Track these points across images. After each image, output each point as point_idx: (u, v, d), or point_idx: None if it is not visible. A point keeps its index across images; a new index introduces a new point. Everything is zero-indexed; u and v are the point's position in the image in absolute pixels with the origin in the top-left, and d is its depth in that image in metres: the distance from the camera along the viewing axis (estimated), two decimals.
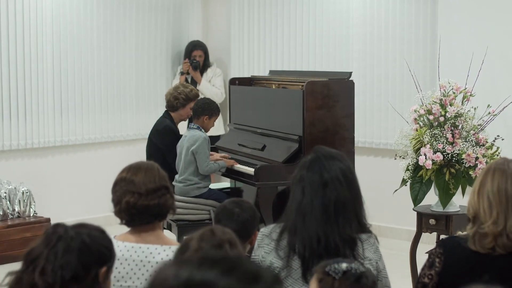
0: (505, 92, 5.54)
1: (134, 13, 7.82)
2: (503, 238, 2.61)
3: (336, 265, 2.38)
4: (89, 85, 7.53)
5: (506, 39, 6.15)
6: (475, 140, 4.80)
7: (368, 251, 2.87)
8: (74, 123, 7.43)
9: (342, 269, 2.37)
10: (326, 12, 7.36)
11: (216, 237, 2.31)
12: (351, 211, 2.88)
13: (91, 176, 7.49)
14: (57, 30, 7.21)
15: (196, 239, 2.34)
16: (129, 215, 3.01)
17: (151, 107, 7.92)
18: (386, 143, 6.95)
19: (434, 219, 4.90)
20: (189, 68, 7.86)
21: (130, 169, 3.04)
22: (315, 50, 7.45)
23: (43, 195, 7.01)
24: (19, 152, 7.07)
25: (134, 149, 7.71)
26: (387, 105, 6.83)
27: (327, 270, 2.38)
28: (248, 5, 7.98)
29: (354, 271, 2.38)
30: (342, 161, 2.93)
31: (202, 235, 2.35)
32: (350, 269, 2.38)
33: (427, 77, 6.61)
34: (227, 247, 2.28)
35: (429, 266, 2.76)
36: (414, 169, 4.86)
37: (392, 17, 6.91)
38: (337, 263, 2.39)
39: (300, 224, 2.85)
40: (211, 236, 2.30)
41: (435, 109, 4.84)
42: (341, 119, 5.60)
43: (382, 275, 2.92)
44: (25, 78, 6.97)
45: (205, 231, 2.37)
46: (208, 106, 5.81)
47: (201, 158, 5.64)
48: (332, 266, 2.38)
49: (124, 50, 7.76)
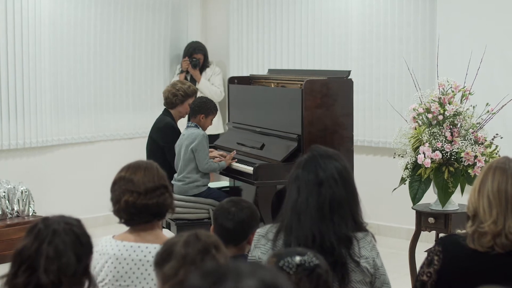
0: (504, 90, 5.54)
1: (132, 12, 7.82)
2: (502, 238, 2.61)
3: (290, 260, 2.39)
4: (87, 85, 7.53)
5: (504, 38, 6.15)
6: (474, 138, 4.80)
7: (364, 249, 2.87)
8: (72, 122, 7.43)
9: (296, 263, 2.39)
10: (325, 11, 7.36)
11: (201, 241, 2.27)
12: (347, 210, 2.88)
13: (89, 175, 7.49)
14: (55, 30, 7.21)
15: (181, 244, 2.28)
16: (128, 214, 3.01)
17: (149, 106, 7.93)
18: (385, 142, 6.95)
19: (433, 218, 4.90)
20: (189, 66, 7.87)
21: (129, 168, 3.05)
22: (314, 49, 7.45)
23: (42, 194, 7.01)
24: (18, 152, 7.07)
25: (132, 148, 7.71)
26: (386, 103, 6.83)
27: (281, 266, 2.39)
28: (247, 4, 7.98)
29: (308, 264, 2.39)
30: (338, 160, 2.93)
31: (186, 241, 2.29)
32: (304, 262, 2.39)
33: (426, 75, 6.61)
34: (213, 251, 2.26)
35: (428, 264, 2.76)
36: (413, 168, 4.86)
37: (390, 16, 6.91)
38: (290, 257, 2.40)
39: (295, 223, 2.85)
40: (196, 241, 2.27)
41: (434, 107, 4.84)
42: (340, 118, 5.60)
43: (380, 273, 2.91)
44: (23, 77, 6.96)
45: (189, 236, 2.31)
46: (204, 105, 5.80)
47: (200, 155, 5.64)
48: (286, 261, 2.39)
49: (122, 49, 7.76)
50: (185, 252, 2.24)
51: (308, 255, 2.43)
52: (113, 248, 3.02)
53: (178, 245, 2.28)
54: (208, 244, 2.26)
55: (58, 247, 2.32)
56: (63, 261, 2.31)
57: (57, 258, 2.31)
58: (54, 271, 2.29)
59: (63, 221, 2.40)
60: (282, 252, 2.47)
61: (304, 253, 2.44)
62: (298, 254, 2.42)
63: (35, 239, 2.35)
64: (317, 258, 2.43)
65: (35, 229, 2.37)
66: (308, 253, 2.44)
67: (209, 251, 2.24)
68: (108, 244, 3.05)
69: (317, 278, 2.39)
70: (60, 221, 2.38)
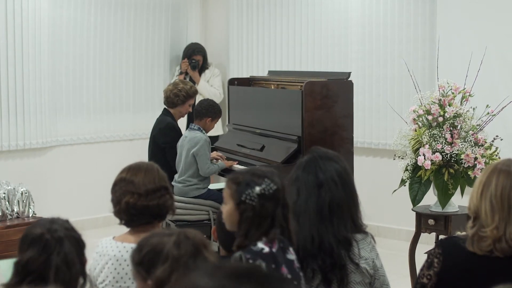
0: (504, 92, 5.54)
1: (132, 13, 7.82)
2: (502, 243, 2.60)
3: (251, 192, 2.67)
4: (87, 86, 7.53)
5: (505, 39, 6.15)
6: (474, 140, 4.80)
7: (364, 250, 2.87)
8: (72, 123, 7.43)
9: (257, 193, 2.67)
10: (325, 12, 7.36)
11: (190, 240, 2.25)
12: (346, 212, 2.88)
13: (90, 176, 7.49)
14: (54, 31, 7.22)
15: (172, 246, 2.24)
16: (129, 216, 3.01)
17: (149, 108, 7.93)
18: (385, 144, 6.95)
19: (433, 219, 4.90)
20: (188, 68, 7.88)
21: (130, 170, 3.05)
22: (314, 50, 7.45)
23: (42, 195, 7.01)
24: (18, 153, 7.07)
25: (133, 149, 7.71)
26: (386, 105, 6.83)
27: (243, 199, 2.67)
28: (246, 6, 7.98)
29: (268, 191, 2.68)
30: (338, 162, 2.94)
31: (177, 241, 2.25)
32: (264, 191, 2.67)
33: (426, 77, 6.61)
34: (204, 251, 2.25)
35: (428, 267, 2.75)
36: (413, 170, 4.86)
37: (390, 17, 6.91)
38: (251, 189, 2.67)
39: (294, 224, 2.86)
40: (186, 241, 2.24)
41: (434, 109, 4.84)
42: (340, 120, 5.61)
43: (380, 274, 2.92)
44: (23, 78, 6.96)
45: (179, 236, 2.27)
46: (212, 109, 5.80)
47: (202, 160, 5.64)
48: (247, 194, 2.67)
49: (121, 50, 7.77)
50: (177, 254, 2.21)
51: (265, 182, 2.68)
52: (113, 250, 3.02)
53: (168, 246, 2.24)
54: (198, 244, 2.24)
55: (67, 257, 2.36)
56: (73, 271, 2.36)
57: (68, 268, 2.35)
58: (65, 280, 2.31)
59: (63, 227, 2.42)
60: (240, 181, 2.70)
61: (262, 180, 2.69)
62: (256, 183, 2.67)
63: (42, 251, 2.36)
64: (272, 180, 2.70)
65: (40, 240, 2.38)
66: (265, 180, 2.69)
67: (201, 251, 2.23)
68: (109, 246, 3.05)
69: (277, 199, 2.69)
70: (60, 228, 2.40)
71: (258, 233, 2.68)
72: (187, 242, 2.24)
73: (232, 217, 2.73)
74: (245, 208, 2.69)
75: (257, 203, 2.68)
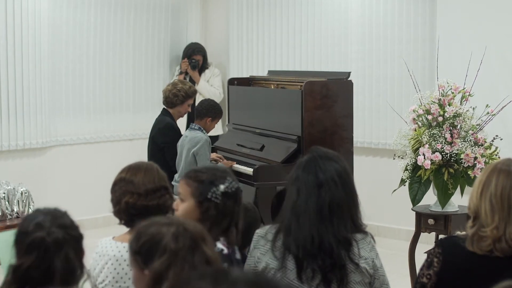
0: (504, 91, 5.54)
1: (132, 13, 7.82)
2: (502, 243, 2.60)
3: (215, 190, 2.74)
4: (87, 86, 7.54)
5: (504, 39, 6.15)
6: (473, 140, 4.80)
7: (363, 250, 2.87)
8: (72, 123, 7.43)
9: (221, 191, 2.74)
10: (325, 12, 7.36)
11: (188, 233, 2.21)
12: (346, 212, 2.88)
13: (89, 176, 7.49)
14: (54, 31, 7.22)
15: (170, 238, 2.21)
16: (128, 216, 3.01)
17: (149, 108, 7.92)
18: (385, 143, 6.95)
19: (433, 219, 4.90)
20: (188, 68, 7.88)
21: (130, 170, 3.05)
22: (314, 50, 7.45)
23: (42, 195, 7.00)
24: (18, 153, 7.07)
25: (132, 149, 7.71)
26: (385, 105, 6.83)
27: (209, 198, 2.73)
28: (246, 6, 7.98)
29: (231, 190, 2.76)
30: (338, 162, 2.93)
31: (176, 234, 2.22)
32: (228, 189, 2.75)
33: (425, 77, 6.61)
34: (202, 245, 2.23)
35: (428, 266, 2.75)
36: (413, 169, 4.86)
37: (390, 17, 6.91)
38: (215, 187, 2.74)
39: (294, 224, 2.85)
40: (185, 233, 2.21)
41: (433, 109, 4.84)
42: (340, 119, 5.61)
43: (380, 273, 2.91)
44: (23, 78, 6.96)
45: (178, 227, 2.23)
46: (213, 108, 5.81)
47: (201, 159, 5.64)
48: (213, 192, 2.73)
49: (121, 50, 7.77)
50: (175, 247, 2.19)
51: (228, 180, 2.77)
52: (113, 250, 3.02)
53: (167, 238, 2.21)
54: (196, 237, 2.22)
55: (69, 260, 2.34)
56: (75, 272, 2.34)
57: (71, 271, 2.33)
58: (68, 281, 2.31)
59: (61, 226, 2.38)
60: (203, 179, 2.77)
61: (224, 178, 2.77)
62: (220, 182, 2.75)
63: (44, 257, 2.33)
64: (233, 179, 2.80)
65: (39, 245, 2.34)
66: (227, 178, 2.78)
67: (199, 245, 2.21)
68: (108, 246, 3.04)
69: (239, 198, 2.81)
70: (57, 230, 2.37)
71: (218, 231, 2.74)
72: (185, 234, 2.21)
73: (191, 214, 2.77)
74: (208, 206, 2.76)
75: (221, 201, 2.75)
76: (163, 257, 2.19)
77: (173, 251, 2.19)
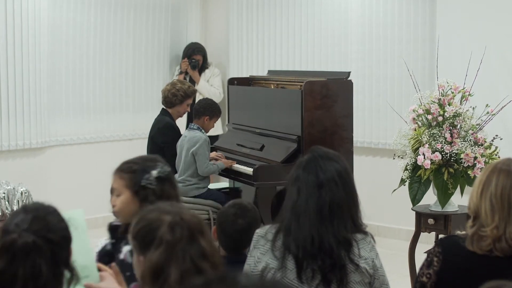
0: (504, 91, 5.54)
1: (132, 13, 7.82)
2: (502, 242, 2.60)
3: (149, 176, 2.77)
4: (86, 86, 7.53)
5: (504, 39, 6.15)
6: (473, 139, 4.80)
7: (363, 250, 2.87)
8: (72, 123, 7.43)
9: (155, 176, 2.77)
10: (325, 12, 7.36)
11: (185, 223, 2.19)
12: (346, 212, 2.87)
13: (89, 176, 7.49)
14: (54, 31, 7.21)
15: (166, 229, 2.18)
16: None
17: (149, 107, 7.92)
18: (385, 143, 6.95)
19: (433, 219, 4.90)
20: (188, 67, 7.88)
21: None
22: (314, 50, 7.45)
23: (42, 195, 6.98)
24: (18, 152, 7.07)
25: (132, 149, 7.67)
26: (385, 105, 6.83)
27: (144, 185, 2.75)
28: (246, 5, 7.98)
29: (163, 174, 2.79)
30: (339, 162, 2.93)
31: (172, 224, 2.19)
32: (160, 174, 2.78)
33: (425, 76, 6.61)
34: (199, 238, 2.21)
35: (428, 266, 2.75)
36: (413, 169, 4.86)
37: (390, 17, 6.91)
38: (148, 173, 2.77)
39: (294, 224, 2.85)
40: (181, 223, 2.19)
41: (433, 108, 4.84)
42: (340, 119, 5.60)
43: (379, 273, 2.91)
44: (23, 78, 6.96)
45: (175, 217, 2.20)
46: (210, 107, 5.81)
47: (200, 159, 5.64)
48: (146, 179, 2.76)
49: (121, 50, 7.76)
50: (171, 239, 2.16)
51: (159, 165, 2.81)
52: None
53: (163, 228, 2.19)
54: (193, 229, 2.19)
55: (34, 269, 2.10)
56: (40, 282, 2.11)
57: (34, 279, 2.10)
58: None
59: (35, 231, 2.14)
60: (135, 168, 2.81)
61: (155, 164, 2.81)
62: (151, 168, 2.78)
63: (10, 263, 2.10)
64: (164, 164, 2.83)
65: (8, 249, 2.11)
66: (158, 163, 2.82)
67: (196, 238, 2.19)
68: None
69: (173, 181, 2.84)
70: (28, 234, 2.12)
71: None
72: (182, 224, 2.19)
73: (130, 206, 2.79)
74: (145, 194, 2.77)
75: (157, 186, 2.77)
76: (159, 249, 2.17)
77: (169, 243, 2.17)
